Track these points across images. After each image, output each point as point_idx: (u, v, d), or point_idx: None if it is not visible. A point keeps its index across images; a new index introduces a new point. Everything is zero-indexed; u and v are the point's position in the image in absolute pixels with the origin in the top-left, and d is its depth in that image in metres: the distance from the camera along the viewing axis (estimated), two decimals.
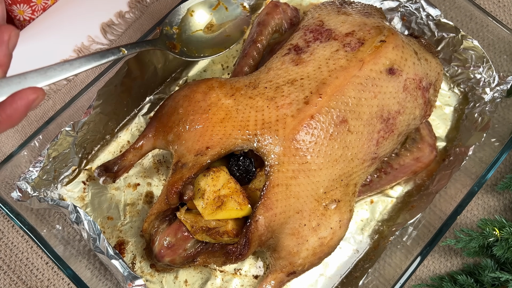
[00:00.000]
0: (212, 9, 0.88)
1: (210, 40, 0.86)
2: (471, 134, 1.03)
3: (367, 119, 0.87)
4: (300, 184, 0.83)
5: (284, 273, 0.89)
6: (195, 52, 0.84)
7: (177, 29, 0.85)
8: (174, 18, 0.85)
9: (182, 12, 0.86)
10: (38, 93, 0.56)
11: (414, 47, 0.94)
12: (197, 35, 0.85)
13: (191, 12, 0.86)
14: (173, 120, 0.89)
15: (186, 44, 0.84)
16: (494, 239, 0.95)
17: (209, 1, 0.88)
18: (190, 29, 0.85)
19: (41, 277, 0.98)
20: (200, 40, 0.85)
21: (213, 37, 0.87)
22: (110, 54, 0.72)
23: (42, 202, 0.88)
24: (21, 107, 0.55)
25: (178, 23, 0.85)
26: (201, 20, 0.87)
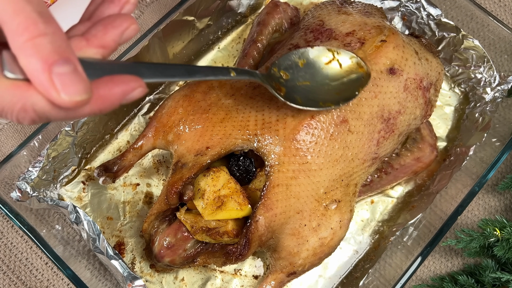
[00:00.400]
0: (325, 64, 0.81)
1: (316, 94, 0.80)
2: (472, 134, 1.03)
3: (368, 119, 0.87)
4: (301, 184, 0.83)
5: (284, 273, 0.89)
6: (299, 100, 0.77)
7: (285, 74, 0.79)
8: (284, 62, 0.80)
9: (292, 58, 0.80)
10: (140, 84, 0.50)
11: (415, 46, 0.94)
12: (304, 86, 0.79)
13: (301, 62, 0.81)
14: (173, 120, 0.89)
15: (291, 90, 0.78)
16: (495, 239, 0.95)
17: (323, 54, 0.81)
18: (298, 79, 0.79)
19: (41, 278, 0.98)
20: (306, 91, 0.79)
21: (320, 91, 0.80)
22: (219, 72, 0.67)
23: (41, 202, 0.88)
24: (118, 92, 0.48)
25: (287, 68, 0.80)
26: (310, 71, 0.80)
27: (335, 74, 0.81)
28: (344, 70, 0.81)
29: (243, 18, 1.17)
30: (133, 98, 0.50)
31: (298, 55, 0.81)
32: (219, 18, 1.11)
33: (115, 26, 0.51)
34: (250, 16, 1.17)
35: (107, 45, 0.51)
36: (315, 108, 0.78)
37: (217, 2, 1.06)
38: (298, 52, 0.82)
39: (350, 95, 0.80)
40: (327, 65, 0.81)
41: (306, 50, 0.82)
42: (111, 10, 0.54)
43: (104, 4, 0.54)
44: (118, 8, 0.54)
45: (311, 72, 0.81)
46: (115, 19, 0.51)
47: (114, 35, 0.51)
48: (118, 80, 0.49)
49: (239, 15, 1.16)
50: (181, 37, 1.05)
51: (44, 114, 0.46)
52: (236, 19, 1.16)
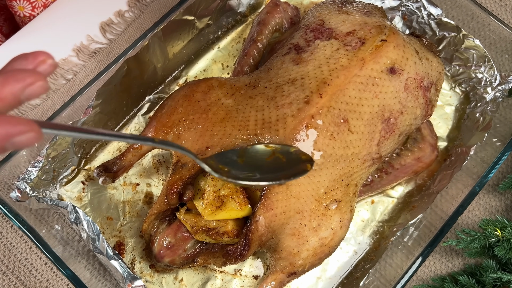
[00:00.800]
0: (266, 159, 0.79)
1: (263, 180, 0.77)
2: (473, 134, 1.03)
3: (368, 119, 0.87)
4: (301, 184, 0.83)
5: (284, 273, 0.88)
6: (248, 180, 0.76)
7: (224, 168, 0.77)
8: (221, 159, 0.78)
9: (230, 156, 0.79)
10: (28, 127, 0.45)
11: (415, 46, 0.94)
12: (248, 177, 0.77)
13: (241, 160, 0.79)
14: (173, 120, 0.89)
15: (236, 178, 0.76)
16: (496, 239, 0.95)
17: (261, 151, 0.80)
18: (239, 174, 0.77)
19: (40, 278, 0.98)
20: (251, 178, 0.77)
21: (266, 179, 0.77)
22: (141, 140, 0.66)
23: (41, 202, 0.88)
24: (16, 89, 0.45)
25: (226, 164, 0.78)
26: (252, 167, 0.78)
27: (279, 166, 0.79)
28: (288, 161, 0.79)
29: (243, 17, 1.17)
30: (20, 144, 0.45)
31: (236, 154, 0.80)
32: (219, 17, 1.11)
33: (17, 80, 0.46)
34: (250, 15, 1.17)
35: (3, 98, 0.46)
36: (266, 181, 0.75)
37: (217, 1, 1.06)
38: (235, 151, 0.80)
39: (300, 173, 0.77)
40: (268, 160, 0.79)
41: (243, 148, 0.80)
42: (23, 65, 0.49)
43: (18, 60, 0.50)
44: (31, 65, 0.49)
45: (253, 167, 0.78)
46: (19, 72, 0.47)
47: (14, 89, 0.46)
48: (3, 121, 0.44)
49: (239, 15, 1.16)
50: (181, 37, 1.04)
51: None
52: (236, 19, 1.16)
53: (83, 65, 1.11)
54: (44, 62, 0.49)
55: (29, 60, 0.49)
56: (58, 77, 1.10)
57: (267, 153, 0.80)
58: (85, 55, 1.12)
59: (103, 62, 1.12)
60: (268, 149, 0.80)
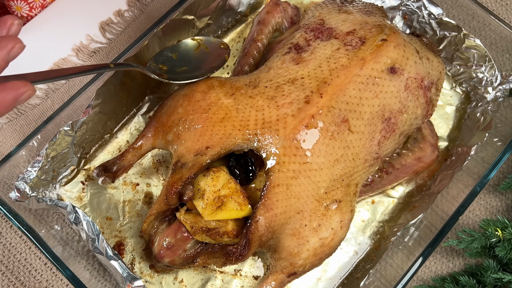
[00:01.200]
0: (194, 51, 0.98)
1: (195, 73, 0.95)
2: (473, 133, 1.03)
3: (368, 118, 0.87)
4: (301, 184, 0.83)
5: (284, 274, 0.88)
6: (181, 79, 0.93)
7: (164, 66, 0.94)
8: (159, 58, 0.95)
9: (166, 54, 0.96)
10: (28, 87, 0.59)
11: (416, 46, 0.94)
12: (183, 70, 0.95)
13: (175, 55, 0.96)
14: (173, 120, 0.89)
15: (173, 77, 0.93)
16: (497, 239, 0.95)
17: (190, 43, 0.98)
18: (176, 67, 0.95)
19: (40, 278, 0.97)
20: (186, 73, 0.94)
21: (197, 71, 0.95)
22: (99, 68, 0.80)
23: (40, 202, 0.88)
24: (9, 99, 0.57)
25: (164, 62, 0.95)
26: (185, 60, 0.97)
27: (205, 55, 0.98)
28: (211, 51, 0.98)
29: (243, 17, 1.16)
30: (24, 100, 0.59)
31: (169, 50, 0.97)
32: (219, 17, 1.10)
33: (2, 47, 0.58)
34: (250, 15, 1.17)
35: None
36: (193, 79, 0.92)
37: (217, 1, 1.06)
38: (169, 48, 0.97)
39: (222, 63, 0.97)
40: (197, 51, 0.98)
41: (175, 45, 0.98)
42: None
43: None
44: (5, 31, 0.62)
45: (185, 60, 0.97)
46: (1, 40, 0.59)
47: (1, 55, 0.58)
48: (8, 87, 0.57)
49: (239, 14, 1.15)
50: (181, 36, 1.04)
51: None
52: (236, 18, 1.15)
53: (82, 64, 1.11)
54: (13, 25, 0.62)
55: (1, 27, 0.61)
56: None
57: (194, 46, 0.98)
58: (84, 55, 1.12)
59: (103, 61, 1.11)
60: (194, 42, 0.99)
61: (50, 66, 1.10)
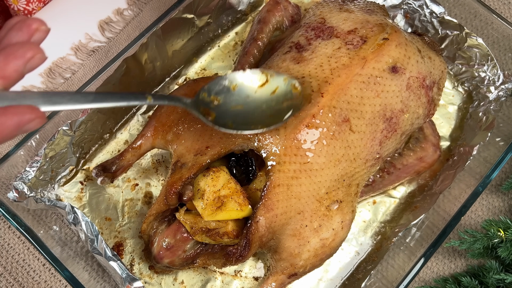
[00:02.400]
0: (258, 87, 0.79)
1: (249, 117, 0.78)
2: (476, 133, 1.03)
3: (370, 118, 0.86)
4: (302, 184, 0.82)
5: (285, 274, 0.88)
6: (230, 125, 0.76)
7: (216, 99, 0.77)
8: (214, 87, 0.78)
9: (224, 83, 0.78)
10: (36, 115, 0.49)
11: (418, 45, 0.93)
12: (237, 110, 0.77)
13: (233, 86, 0.79)
14: (172, 119, 0.89)
15: (223, 115, 0.76)
16: (499, 240, 0.94)
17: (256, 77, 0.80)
18: (231, 103, 0.77)
19: (38, 279, 0.97)
20: (239, 115, 0.77)
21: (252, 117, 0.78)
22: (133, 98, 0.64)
23: (39, 202, 0.87)
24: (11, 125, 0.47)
25: (218, 93, 0.77)
26: (243, 95, 0.79)
27: (268, 97, 0.79)
28: (278, 93, 0.79)
29: (244, 16, 1.16)
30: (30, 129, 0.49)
31: (229, 79, 0.79)
32: (219, 16, 1.10)
33: (18, 56, 0.49)
34: (250, 14, 1.16)
35: (8, 76, 0.48)
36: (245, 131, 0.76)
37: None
38: (230, 76, 0.79)
39: (281, 118, 0.78)
40: (260, 88, 0.79)
41: (238, 73, 0.79)
42: (19, 37, 0.51)
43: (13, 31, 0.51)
44: (26, 36, 0.51)
45: (244, 96, 0.78)
46: (18, 48, 0.49)
47: (16, 66, 0.49)
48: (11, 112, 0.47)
49: (239, 13, 1.15)
50: (181, 35, 1.04)
51: None
52: (237, 17, 1.15)
53: (81, 64, 1.11)
54: (38, 30, 0.51)
55: (24, 31, 0.51)
56: (56, 76, 1.09)
57: (260, 79, 0.80)
58: (83, 54, 1.11)
59: (102, 61, 1.11)
60: (262, 75, 0.80)
61: (49, 65, 1.10)
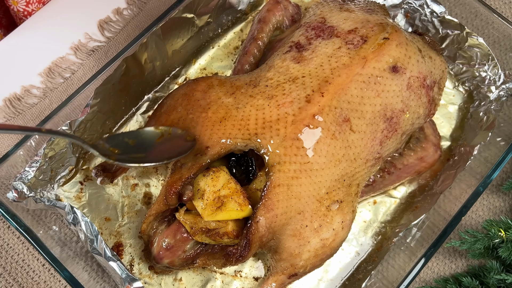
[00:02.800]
0: (156, 140, 0.84)
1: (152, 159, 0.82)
2: (476, 133, 1.03)
3: (370, 118, 0.86)
4: (302, 184, 0.82)
5: (285, 275, 0.88)
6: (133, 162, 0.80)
7: (115, 150, 0.81)
8: (111, 141, 0.82)
9: (121, 139, 0.83)
10: None
11: (418, 44, 0.93)
12: (139, 157, 0.82)
13: (132, 141, 0.84)
14: (172, 119, 0.88)
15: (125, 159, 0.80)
16: (500, 240, 0.94)
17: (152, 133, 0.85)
18: (130, 153, 0.82)
19: (38, 279, 0.97)
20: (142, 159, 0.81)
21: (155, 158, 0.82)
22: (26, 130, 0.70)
23: (38, 202, 0.87)
24: None
25: (117, 146, 0.81)
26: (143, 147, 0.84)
27: (166, 143, 0.83)
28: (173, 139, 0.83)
29: (244, 15, 1.16)
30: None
31: (126, 136, 0.83)
32: (219, 15, 1.10)
33: None
34: (250, 13, 1.16)
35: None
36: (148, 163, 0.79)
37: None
38: (126, 134, 0.83)
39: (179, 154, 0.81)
40: (159, 140, 0.84)
41: (134, 132, 0.85)
42: None
43: None
44: None
45: (144, 147, 0.83)
46: None
47: None
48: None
49: (239, 12, 1.15)
50: (180, 35, 1.04)
51: None
52: (237, 17, 1.15)
53: (81, 63, 1.11)
54: None
55: None
56: (56, 76, 1.09)
57: (156, 135, 0.84)
58: (83, 54, 1.11)
59: (101, 60, 1.11)
60: (157, 131, 0.85)
61: (48, 65, 1.10)
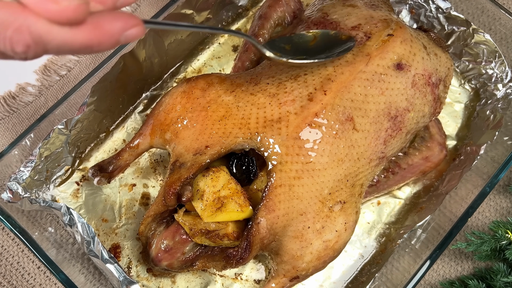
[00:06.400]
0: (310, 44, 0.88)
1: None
2: (483, 132, 1.03)
3: (374, 116, 0.86)
4: (304, 184, 0.82)
5: (287, 277, 0.87)
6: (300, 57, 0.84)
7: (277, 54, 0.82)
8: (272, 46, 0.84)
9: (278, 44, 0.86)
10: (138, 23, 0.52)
11: (423, 41, 0.93)
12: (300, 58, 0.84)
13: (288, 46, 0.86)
14: (171, 118, 0.88)
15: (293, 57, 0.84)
16: (507, 242, 0.94)
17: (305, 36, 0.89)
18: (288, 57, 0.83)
19: (33, 282, 0.97)
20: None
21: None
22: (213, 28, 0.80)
23: (33, 203, 0.87)
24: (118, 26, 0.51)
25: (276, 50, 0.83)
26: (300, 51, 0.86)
27: (321, 49, 0.88)
28: (328, 43, 0.88)
29: (244, 11, 1.16)
30: (131, 37, 0.52)
31: (282, 41, 0.87)
32: (219, 11, 1.10)
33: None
34: (251, 9, 1.16)
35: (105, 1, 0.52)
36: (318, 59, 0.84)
37: None
38: (281, 39, 0.88)
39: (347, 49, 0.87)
40: (312, 43, 0.88)
41: (287, 37, 0.89)
42: None
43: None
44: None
45: (300, 51, 0.86)
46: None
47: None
48: (119, 16, 0.51)
49: (240, 8, 1.15)
50: (179, 31, 1.04)
51: (40, 37, 0.47)
52: (237, 12, 1.15)
53: (77, 60, 1.10)
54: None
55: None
56: (52, 73, 1.09)
57: (310, 38, 0.89)
58: None
59: (98, 57, 1.10)
60: (309, 34, 0.89)
61: (44, 62, 1.10)
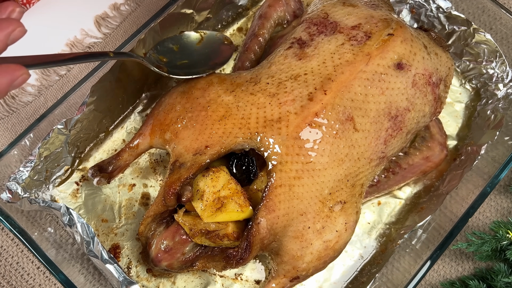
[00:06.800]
0: (196, 45, 0.97)
1: (196, 68, 0.94)
2: (484, 132, 1.02)
3: (374, 116, 0.86)
4: (304, 184, 0.82)
5: (287, 278, 0.87)
6: (182, 74, 0.91)
7: (164, 58, 0.93)
8: (160, 48, 0.94)
9: (167, 45, 0.95)
10: (23, 71, 0.58)
11: (424, 40, 0.93)
12: (183, 64, 0.94)
13: (176, 46, 0.95)
14: (171, 118, 0.88)
15: (173, 69, 0.92)
16: (508, 242, 0.94)
17: (193, 35, 0.98)
18: (176, 60, 0.94)
19: (32, 283, 0.96)
20: (187, 67, 0.93)
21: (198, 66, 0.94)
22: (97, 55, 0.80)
23: (33, 203, 0.87)
24: (4, 83, 0.56)
25: (164, 53, 0.94)
26: (186, 52, 0.96)
27: (207, 50, 0.97)
28: (214, 45, 0.98)
29: (244, 10, 1.16)
30: (18, 85, 0.58)
31: (170, 41, 0.95)
32: (219, 11, 1.10)
33: (1, 29, 0.58)
34: (251, 8, 1.16)
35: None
36: (195, 75, 0.91)
37: None
38: (170, 39, 0.96)
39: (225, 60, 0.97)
40: (199, 44, 0.97)
41: (176, 36, 0.97)
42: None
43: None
44: (5, 16, 0.62)
45: (186, 53, 0.95)
46: (1, 22, 0.58)
47: (1, 37, 0.58)
48: (3, 70, 0.57)
49: (240, 8, 1.15)
50: (179, 31, 1.03)
51: None
52: (237, 12, 1.15)
53: None
54: (14, 11, 0.62)
55: (1, 12, 0.62)
56: (51, 73, 1.09)
57: (197, 39, 0.98)
58: (79, 50, 1.11)
59: None
60: (197, 34, 0.98)
61: None
